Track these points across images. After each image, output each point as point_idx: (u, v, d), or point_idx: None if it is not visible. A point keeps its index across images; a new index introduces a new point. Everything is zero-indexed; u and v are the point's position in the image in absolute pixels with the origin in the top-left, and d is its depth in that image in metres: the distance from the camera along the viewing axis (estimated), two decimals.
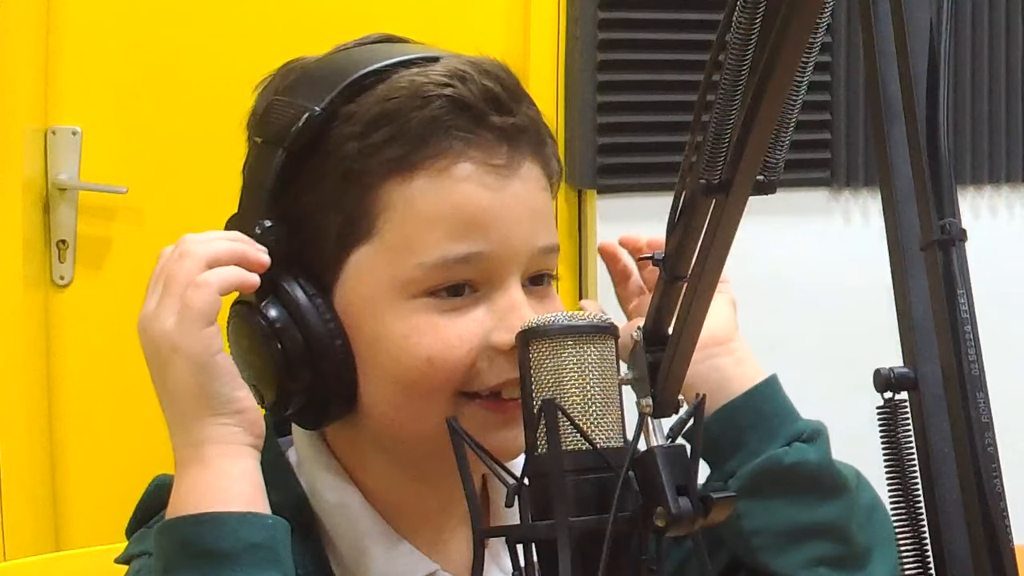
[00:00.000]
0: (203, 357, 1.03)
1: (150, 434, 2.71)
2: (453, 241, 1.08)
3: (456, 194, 1.08)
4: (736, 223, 0.93)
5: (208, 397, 1.03)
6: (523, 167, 1.11)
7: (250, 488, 1.03)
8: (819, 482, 1.19)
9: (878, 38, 0.79)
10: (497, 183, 1.09)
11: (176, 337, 1.03)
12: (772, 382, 1.23)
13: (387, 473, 1.14)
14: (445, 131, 1.08)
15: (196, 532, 1.00)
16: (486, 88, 1.09)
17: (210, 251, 1.06)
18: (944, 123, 0.75)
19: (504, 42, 2.94)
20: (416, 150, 1.08)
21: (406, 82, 1.09)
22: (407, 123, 1.08)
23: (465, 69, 1.10)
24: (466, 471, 0.98)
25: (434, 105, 1.08)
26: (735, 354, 1.24)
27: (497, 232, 1.09)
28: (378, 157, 1.08)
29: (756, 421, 1.20)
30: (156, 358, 1.05)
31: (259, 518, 1.01)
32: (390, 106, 1.08)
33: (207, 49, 2.74)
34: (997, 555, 0.71)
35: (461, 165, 1.08)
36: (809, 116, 3.14)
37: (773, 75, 0.84)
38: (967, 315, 0.72)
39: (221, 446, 1.03)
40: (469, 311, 1.09)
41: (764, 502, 1.19)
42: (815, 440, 1.20)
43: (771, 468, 1.19)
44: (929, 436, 0.74)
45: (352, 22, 2.72)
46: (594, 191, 3.06)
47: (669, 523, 0.92)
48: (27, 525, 2.64)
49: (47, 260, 2.69)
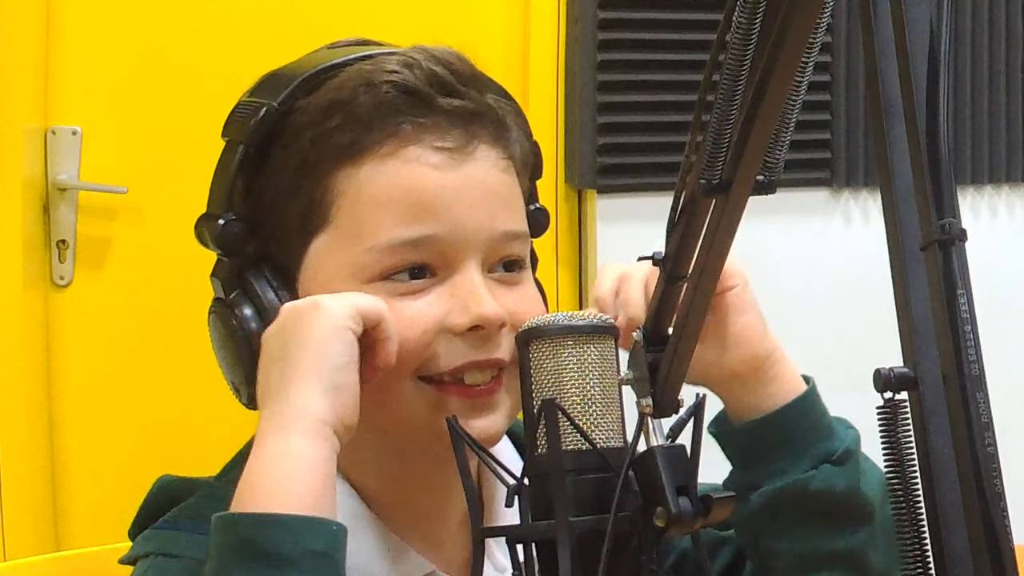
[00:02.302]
0: (340, 321, 1.03)
1: (150, 434, 2.73)
2: (403, 224, 1.09)
3: (404, 177, 1.09)
4: (736, 223, 0.93)
5: (322, 356, 1.02)
6: (478, 150, 1.12)
7: (319, 481, 1.00)
8: (843, 510, 1.17)
9: (878, 38, 0.79)
10: (447, 165, 1.10)
11: (327, 300, 1.04)
12: (807, 397, 1.19)
13: (379, 470, 1.14)
14: (392, 115, 1.10)
15: (258, 533, 0.97)
16: (432, 72, 1.11)
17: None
18: (944, 123, 0.75)
19: (504, 42, 2.94)
20: (364, 135, 1.10)
21: (356, 72, 1.12)
22: (355, 109, 1.10)
23: (414, 56, 1.12)
24: (465, 471, 0.98)
25: (381, 91, 1.10)
26: (768, 373, 1.18)
27: (449, 215, 1.10)
28: (329, 144, 1.10)
29: (787, 438, 1.17)
30: (289, 320, 1.05)
31: (323, 524, 0.99)
32: (340, 95, 1.10)
33: (207, 49, 2.74)
34: (997, 555, 0.71)
35: (409, 148, 1.10)
36: (809, 116, 3.13)
37: (773, 75, 0.84)
38: (967, 315, 0.72)
39: (309, 421, 1.01)
40: (424, 294, 1.10)
41: (785, 525, 1.17)
42: (845, 462, 1.17)
43: (796, 493, 1.16)
44: (929, 436, 0.74)
45: (352, 23, 2.72)
46: (594, 191, 3.06)
47: (669, 523, 0.92)
48: (27, 525, 2.64)
49: (47, 260, 2.69)
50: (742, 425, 1.18)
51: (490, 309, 1.09)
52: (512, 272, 1.13)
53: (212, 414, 2.69)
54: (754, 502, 1.17)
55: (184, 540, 1.10)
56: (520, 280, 1.14)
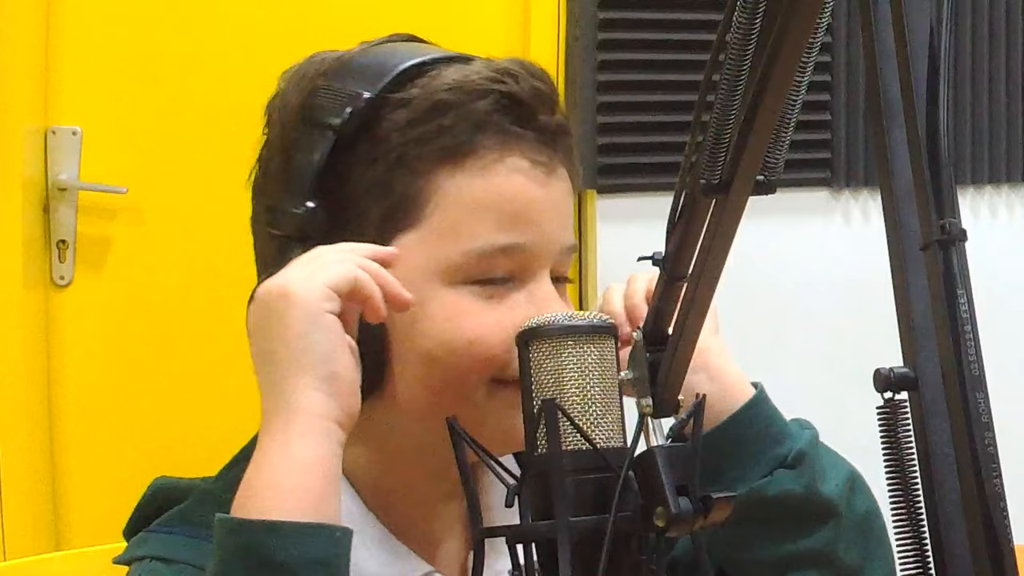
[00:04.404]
0: (313, 307, 1.01)
1: (150, 434, 2.73)
2: (499, 231, 1.10)
3: (506, 186, 1.11)
4: (736, 223, 0.93)
5: (305, 351, 1.00)
6: (560, 168, 1.15)
7: (321, 482, 1.00)
8: (805, 511, 1.17)
9: (878, 38, 0.79)
10: (542, 178, 1.13)
11: (295, 285, 1.01)
12: (753, 404, 1.19)
13: (392, 468, 1.14)
14: (497, 125, 1.11)
15: (260, 540, 0.97)
16: (535, 87, 1.13)
17: (363, 261, 1.05)
18: (944, 123, 0.75)
19: (504, 42, 2.94)
20: (469, 141, 1.10)
21: (459, 75, 1.12)
22: (460, 115, 1.10)
23: (515, 68, 1.13)
24: (466, 472, 0.98)
25: (489, 99, 1.11)
26: (709, 367, 1.19)
27: (538, 226, 1.12)
28: (431, 145, 1.10)
29: (738, 446, 1.17)
30: (264, 314, 1.02)
31: (325, 531, 0.98)
32: (445, 97, 1.11)
33: (207, 49, 2.74)
34: (997, 555, 0.71)
35: (511, 159, 1.11)
36: (809, 116, 3.13)
37: (773, 75, 0.84)
38: (967, 315, 0.72)
39: (307, 420, 1.00)
40: (506, 299, 1.11)
41: (748, 534, 1.17)
42: (800, 463, 1.17)
43: (755, 500, 1.16)
44: (929, 436, 0.74)
45: (353, 23, 2.72)
46: (594, 191, 3.06)
47: (669, 523, 0.92)
48: (27, 525, 2.64)
49: (47, 260, 2.69)
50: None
51: None
52: (560, 285, 1.15)
53: (212, 414, 2.70)
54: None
55: (179, 544, 1.09)
56: (565, 294, 1.17)
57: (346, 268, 1.03)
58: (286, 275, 1.03)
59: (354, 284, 1.03)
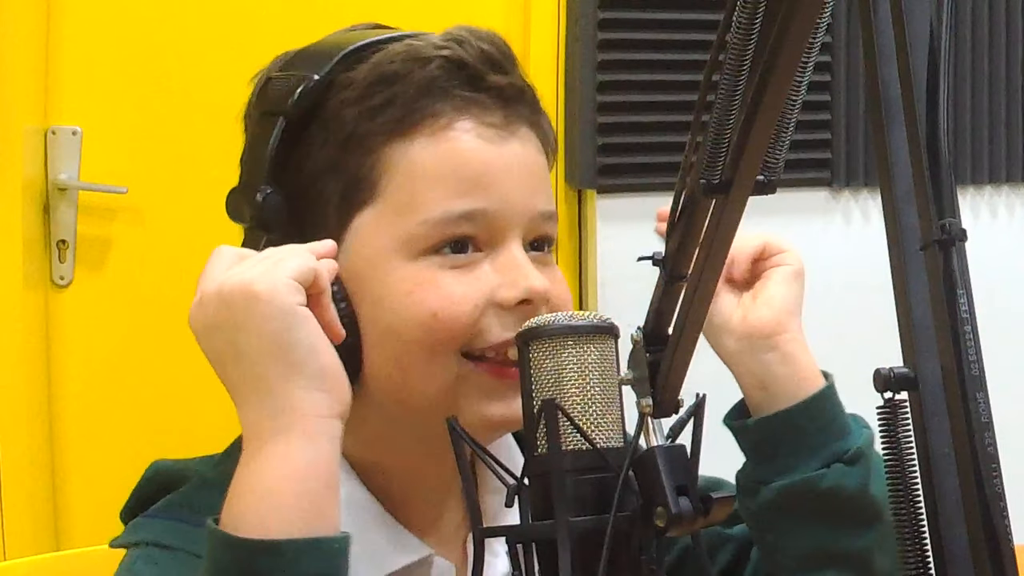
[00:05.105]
0: (285, 302, 0.98)
1: (150, 434, 2.73)
2: (455, 197, 1.09)
3: (457, 152, 1.10)
4: (736, 223, 0.93)
5: (288, 349, 0.98)
6: (520, 129, 1.13)
7: (321, 488, 0.98)
8: (853, 510, 1.16)
9: (878, 38, 0.78)
10: (495, 141, 1.11)
11: (258, 284, 0.98)
12: (823, 395, 1.18)
13: (385, 450, 1.14)
14: (443, 91, 1.10)
15: (254, 561, 0.95)
16: (482, 49, 1.12)
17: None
18: (944, 123, 0.75)
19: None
20: (416, 110, 1.10)
21: (403, 47, 1.12)
22: (406, 84, 1.10)
23: (461, 33, 1.13)
24: (466, 471, 0.98)
25: (432, 66, 1.10)
26: (781, 349, 1.19)
27: (497, 190, 1.10)
28: (378, 120, 1.09)
29: (799, 435, 1.16)
30: (226, 316, 0.99)
31: (326, 544, 0.96)
32: (388, 69, 1.10)
33: (207, 49, 2.74)
34: (997, 555, 0.71)
35: (461, 123, 1.10)
36: (809, 116, 3.13)
37: (773, 75, 0.84)
38: (967, 315, 0.72)
39: (309, 422, 0.98)
40: (473, 269, 1.10)
41: (792, 522, 1.16)
42: (857, 462, 1.16)
43: (805, 490, 1.15)
44: (929, 436, 0.74)
45: (352, 21, 2.72)
46: (594, 191, 3.06)
47: (669, 523, 0.92)
48: (27, 525, 2.64)
49: (47, 260, 2.69)
50: (756, 420, 1.18)
51: (539, 283, 1.10)
52: (542, 252, 1.14)
53: (212, 414, 2.69)
54: (763, 496, 1.17)
55: (177, 531, 1.09)
56: (550, 260, 1.15)
57: (304, 259, 1.01)
58: (242, 273, 1.00)
59: (315, 273, 1.01)
